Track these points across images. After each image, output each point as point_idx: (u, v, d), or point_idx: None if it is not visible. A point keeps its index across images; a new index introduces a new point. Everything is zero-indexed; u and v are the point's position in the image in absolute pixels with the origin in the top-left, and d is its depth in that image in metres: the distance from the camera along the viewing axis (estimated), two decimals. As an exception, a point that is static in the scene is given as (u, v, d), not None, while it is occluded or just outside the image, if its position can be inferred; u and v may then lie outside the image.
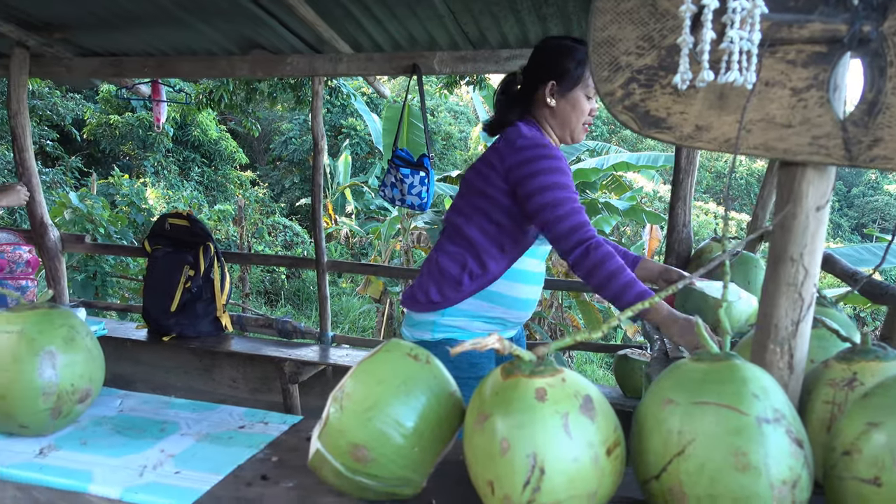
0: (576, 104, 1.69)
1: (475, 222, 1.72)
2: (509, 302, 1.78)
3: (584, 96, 1.69)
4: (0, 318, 1.16)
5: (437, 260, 1.76)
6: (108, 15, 2.88)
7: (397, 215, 10.59)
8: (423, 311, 1.76)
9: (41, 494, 1.07)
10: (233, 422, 1.28)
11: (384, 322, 8.44)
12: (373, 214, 12.58)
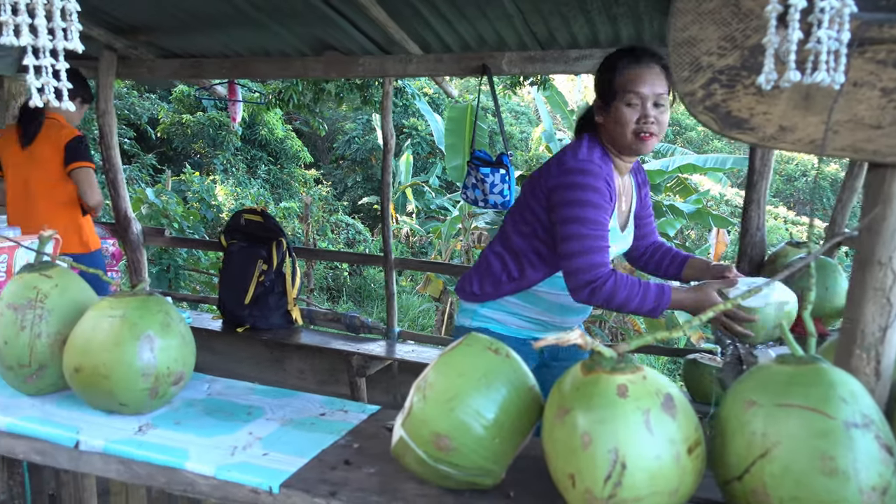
0: (618, 117, 1.62)
1: (518, 228, 1.77)
2: (549, 307, 1.81)
3: (624, 105, 1.61)
4: (104, 304, 1.24)
5: (486, 256, 1.85)
6: (189, 18, 3.01)
7: (458, 215, 10.63)
8: (467, 300, 1.86)
9: (141, 469, 1.14)
10: (313, 409, 1.33)
11: (444, 321, 8.50)
12: (433, 214, 12.67)
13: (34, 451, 1.23)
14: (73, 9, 1.43)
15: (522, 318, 1.83)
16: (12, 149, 2.98)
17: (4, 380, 1.34)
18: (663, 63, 1.63)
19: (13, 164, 2.99)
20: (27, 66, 1.40)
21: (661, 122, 1.62)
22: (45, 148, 2.93)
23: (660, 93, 1.60)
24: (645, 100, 1.59)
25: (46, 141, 2.94)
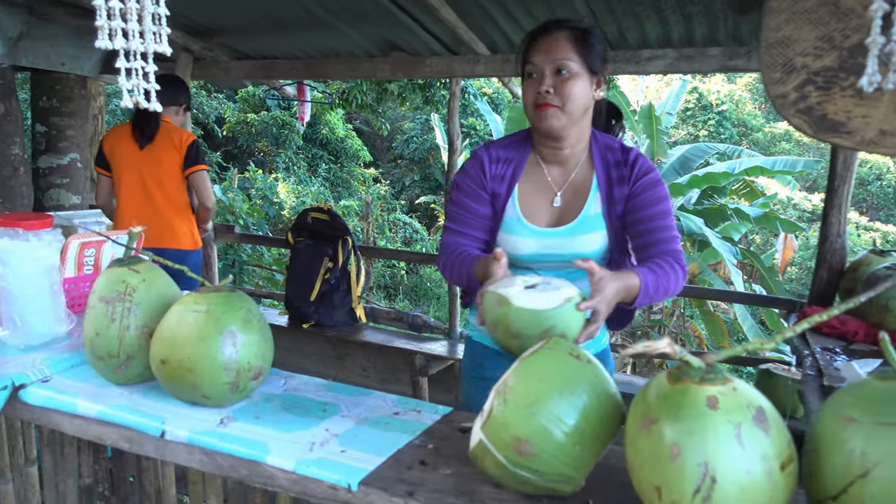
0: (524, 93, 1.52)
1: None
2: None
3: (526, 79, 1.52)
4: (189, 299, 1.28)
5: None
6: (262, 20, 3.09)
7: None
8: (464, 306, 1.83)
9: (224, 460, 1.17)
10: (387, 408, 1.34)
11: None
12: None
13: (123, 438, 1.28)
14: (163, 13, 1.48)
15: None
16: (128, 149, 3.09)
17: (95, 369, 1.40)
18: (575, 30, 1.49)
19: (129, 164, 3.11)
20: (116, 67, 1.46)
21: (565, 94, 1.45)
22: (165, 149, 3.06)
23: (560, 58, 1.45)
24: (542, 68, 1.47)
25: (166, 142, 3.06)
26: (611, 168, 1.58)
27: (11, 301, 1.47)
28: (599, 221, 1.57)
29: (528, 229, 1.58)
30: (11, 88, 3.16)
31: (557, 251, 1.58)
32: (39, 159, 3.79)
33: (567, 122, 1.48)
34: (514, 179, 1.59)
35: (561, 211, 1.58)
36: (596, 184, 1.57)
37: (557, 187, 1.59)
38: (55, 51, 3.31)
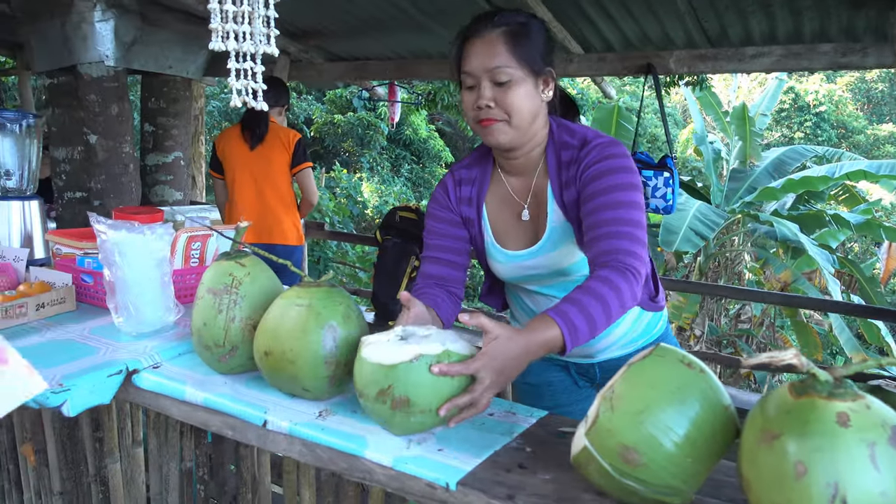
0: (463, 103, 1.38)
1: None
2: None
3: (465, 91, 1.35)
4: (292, 293, 1.31)
5: None
6: (357, 22, 3.16)
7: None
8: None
9: (323, 452, 1.19)
10: (482, 408, 1.33)
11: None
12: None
13: (227, 425, 1.33)
14: (272, 16, 1.52)
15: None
16: (239, 150, 3.25)
17: (201, 358, 1.45)
18: (508, 26, 1.29)
19: (241, 165, 3.26)
20: (226, 69, 1.51)
21: (508, 105, 1.29)
22: (274, 148, 3.21)
23: (496, 66, 1.27)
24: (478, 78, 1.30)
25: (275, 141, 3.21)
26: (562, 169, 1.40)
27: (127, 290, 1.55)
28: (567, 231, 1.42)
29: (503, 254, 1.49)
30: (124, 90, 3.36)
31: (538, 271, 1.47)
32: (147, 157, 4.03)
33: (515, 134, 1.34)
34: (481, 199, 1.49)
35: (532, 226, 1.46)
36: (551, 191, 1.42)
37: (522, 199, 1.46)
38: (163, 54, 3.49)
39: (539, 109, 1.35)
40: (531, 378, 1.70)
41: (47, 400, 1.31)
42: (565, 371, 1.72)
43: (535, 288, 1.54)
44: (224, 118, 11.82)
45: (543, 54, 1.34)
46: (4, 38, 4.98)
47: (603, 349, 1.62)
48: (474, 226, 1.51)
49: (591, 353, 1.63)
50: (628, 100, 14.51)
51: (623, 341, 1.61)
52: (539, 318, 1.18)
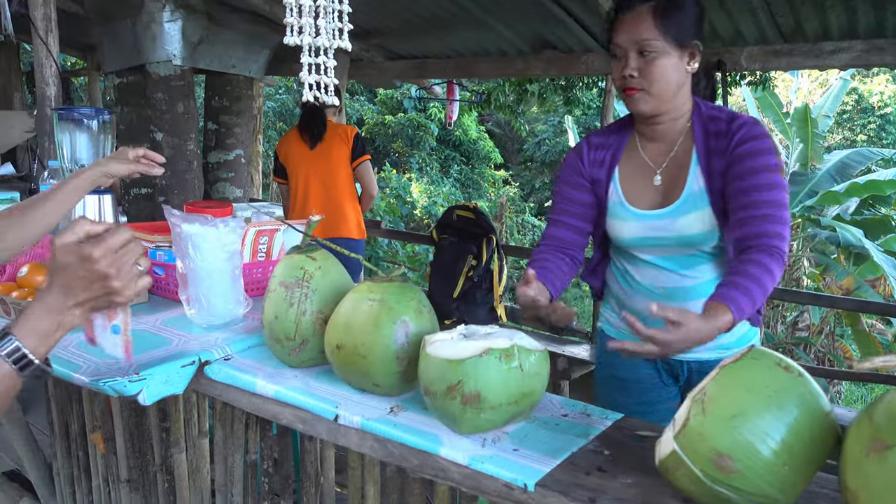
0: (613, 72, 1.47)
1: None
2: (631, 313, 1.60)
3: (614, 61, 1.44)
4: (364, 287, 1.31)
5: None
6: (417, 20, 3.16)
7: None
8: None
9: (395, 448, 1.18)
10: (555, 409, 1.30)
11: (629, 329, 8.19)
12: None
13: (298, 419, 1.33)
14: (345, 10, 1.52)
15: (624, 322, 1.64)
16: (300, 151, 3.31)
17: (272, 351, 1.46)
18: (655, 4, 1.36)
19: (304, 165, 3.32)
20: (301, 63, 1.51)
21: (650, 75, 1.38)
22: (334, 145, 3.26)
23: (642, 38, 1.36)
24: (625, 50, 1.40)
25: (334, 138, 3.26)
26: (710, 138, 1.45)
27: (199, 283, 1.57)
28: (703, 198, 1.45)
29: (631, 212, 1.53)
30: (190, 89, 3.44)
31: (663, 234, 1.50)
32: (209, 155, 4.13)
33: (656, 103, 1.42)
34: (615, 161, 1.55)
35: (664, 190, 1.51)
36: (696, 157, 1.46)
37: (657, 166, 1.52)
38: (227, 54, 3.56)
39: (683, 80, 1.42)
40: (621, 372, 1.69)
41: (125, 388, 1.33)
42: (654, 367, 1.69)
43: (650, 258, 1.56)
44: (278, 118, 12.03)
45: (692, 28, 1.40)
46: (76, 40, 5.16)
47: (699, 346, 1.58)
48: (602, 186, 1.56)
49: None
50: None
51: (718, 342, 1.52)
52: (714, 305, 1.24)
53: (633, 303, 1.61)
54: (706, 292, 1.38)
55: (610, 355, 1.66)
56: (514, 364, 1.11)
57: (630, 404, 1.65)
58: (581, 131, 14.11)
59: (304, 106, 3.33)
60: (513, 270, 11.12)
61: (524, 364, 1.12)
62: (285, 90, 12.27)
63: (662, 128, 1.49)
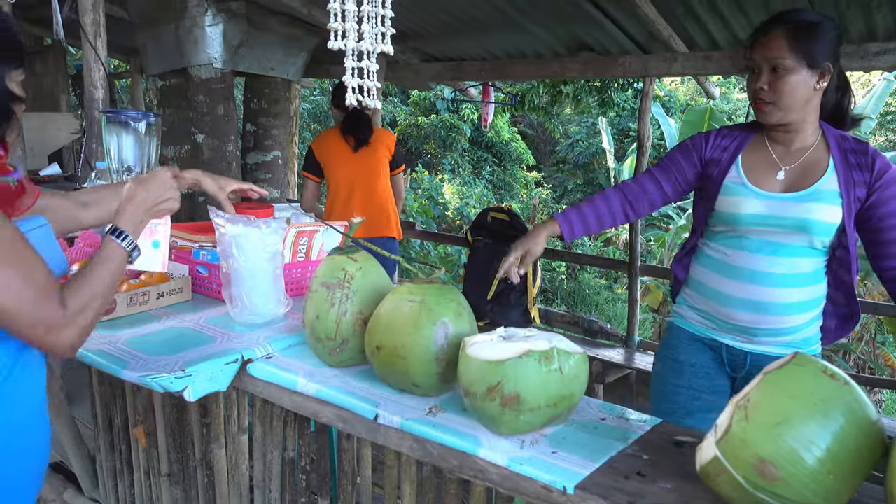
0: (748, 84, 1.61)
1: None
2: (710, 294, 1.70)
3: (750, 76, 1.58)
4: (404, 289, 1.32)
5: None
6: (454, 22, 3.17)
7: (685, 223, 10.05)
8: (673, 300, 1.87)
9: (434, 448, 1.19)
10: (592, 412, 1.30)
11: (660, 333, 8.11)
12: (654, 221, 12.18)
13: (338, 417, 1.35)
14: (387, 14, 1.54)
15: (697, 311, 1.75)
16: (342, 152, 3.31)
17: (313, 350, 1.49)
18: (791, 27, 1.50)
19: (346, 166, 3.33)
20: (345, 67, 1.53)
21: (779, 91, 1.51)
22: (377, 149, 3.31)
23: (774, 57, 1.50)
24: (760, 67, 1.54)
25: (378, 143, 3.30)
26: (848, 153, 1.58)
27: (241, 282, 1.60)
28: (835, 197, 1.55)
29: (753, 192, 1.61)
30: (230, 91, 3.51)
31: (784, 214, 1.58)
32: (248, 156, 4.20)
33: (782, 115, 1.54)
34: (739, 150, 1.66)
35: (787, 183, 1.60)
36: (833, 164, 1.57)
37: (783, 163, 1.62)
38: (266, 57, 3.62)
39: (811, 96, 1.53)
40: (681, 355, 1.76)
41: (171, 385, 1.37)
42: (715, 353, 1.74)
43: (756, 238, 1.62)
44: (313, 119, 12.16)
45: (825, 50, 1.51)
46: (120, 44, 5.29)
47: (769, 331, 1.64)
48: (721, 167, 1.66)
49: (754, 334, 1.66)
50: (719, 102, 14.00)
51: (790, 338, 1.64)
52: None
53: (719, 286, 1.67)
54: (791, 283, 1.57)
55: (673, 340, 1.80)
56: (554, 367, 1.12)
57: (679, 387, 1.75)
58: (615, 133, 13.98)
59: (349, 109, 3.36)
60: (545, 273, 11.09)
61: (563, 367, 1.13)
62: (320, 92, 12.40)
63: (790, 135, 1.60)
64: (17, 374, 1.14)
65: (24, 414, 1.18)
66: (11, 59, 1.13)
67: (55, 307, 1.06)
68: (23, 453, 1.19)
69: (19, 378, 1.15)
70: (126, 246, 1.24)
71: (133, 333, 1.61)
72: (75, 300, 1.10)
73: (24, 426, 1.18)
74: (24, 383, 1.16)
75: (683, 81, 17.26)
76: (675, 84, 16.41)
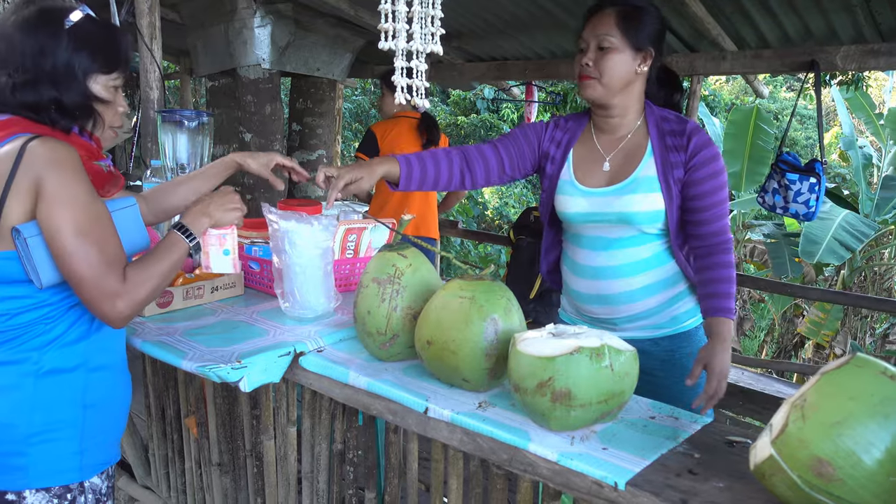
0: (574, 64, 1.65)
1: None
2: (568, 291, 1.79)
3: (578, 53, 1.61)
4: (454, 285, 1.34)
5: None
6: (498, 21, 3.18)
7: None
8: None
9: (485, 442, 1.21)
10: (642, 410, 1.31)
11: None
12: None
13: (388, 410, 1.38)
14: (437, 15, 1.56)
15: (568, 303, 1.84)
16: (410, 148, 3.30)
17: (363, 344, 1.52)
18: (619, 9, 1.55)
19: None
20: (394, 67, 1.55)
21: (603, 66, 1.55)
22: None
23: (602, 34, 1.55)
24: (587, 42, 1.58)
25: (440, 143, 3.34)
26: (665, 135, 1.62)
27: (294, 278, 1.64)
28: (653, 184, 1.60)
29: (578, 189, 1.67)
30: (277, 91, 3.58)
31: (606, 210, 1.63)
32: (293, 155, 4.27)
33: (604, 92, 1.58)
34: (570, 145, 1.71)
35: (611, 174, 1.65)
36: (650, 149, 1.62)
37: (606, 153, 1.67)
38: (312, 57, 3.68)
39: (632, 78, 1.59)
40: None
41: (228, 375, 1.41)
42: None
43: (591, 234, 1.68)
44: (354, 119, 12.28)
45: (649, 35, 1.57)
46: (170, 46, 5.42)
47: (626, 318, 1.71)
48: (556, 165, 1.72)
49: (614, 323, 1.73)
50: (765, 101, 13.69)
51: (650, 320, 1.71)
52: (716, 321, 1.53)
53: (572, 283, 1.75)
54: (631, 272, 1.64)
55: None
56: (605, 363, 1.13)
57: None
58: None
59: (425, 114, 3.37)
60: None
61: (614, 364, 1.14)
62: (361, 92, 12.51)
63: (614, 121, 1.65)
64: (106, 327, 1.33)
65: (116, 359, 1.37)
66: (101, 63, 1.26)
67: (116, 279, 1.19)
68: (117, 390, 1.37)
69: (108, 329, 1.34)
70: (188, 240, 1.36)
71: (189, 326, 1.66)
72: (134, 276, 1.22)
73: (116, 368, 1.37)
74: (112, 332, 1.36)
75: (728, 80, 16.93)
76: (720, 83, 16.10)
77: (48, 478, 1.25)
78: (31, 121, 1.23)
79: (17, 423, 1.22)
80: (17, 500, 1.24)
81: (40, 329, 1.24)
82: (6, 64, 1.21)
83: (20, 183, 1.14)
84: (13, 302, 1.22)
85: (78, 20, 1.24)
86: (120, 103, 1.34)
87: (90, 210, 1.18)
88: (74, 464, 1.28)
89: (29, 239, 1.16)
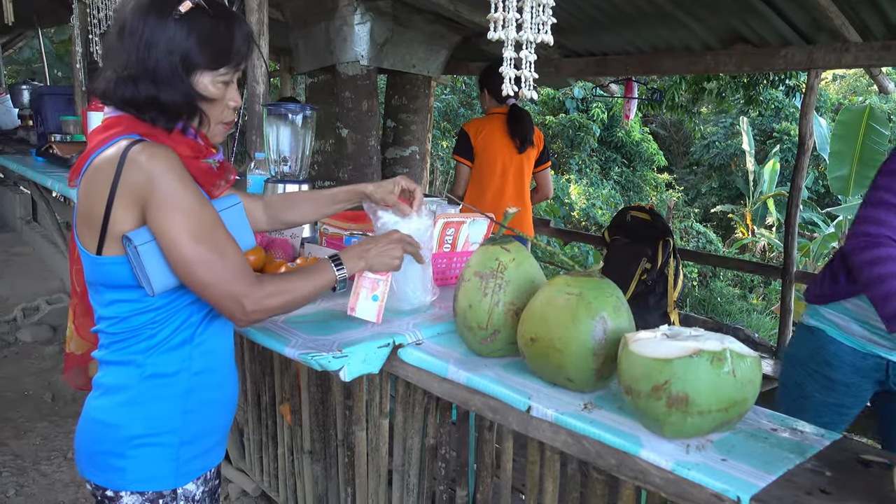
0: None
1: None
2: None
3: None
4: (561, 281, 1.30)
5: (836, 253, 1.74)
6: (600, 15, 3.09)
7: (833, 232, 9.31)
8: (811, 300, 1.78)
9: (591, 445, 1.16)
10: (761, 421, 1.22)
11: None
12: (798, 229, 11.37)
13: (488, 407, 1.35)
14: (547, 4, 1.51)
15: (866, 326, 1.62)
16: (506, 149, 3.27)
17: (463, 339, 1.49)
18: None
19: (505, 161, 3.31)
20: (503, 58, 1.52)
21: None
22: (531, 147, 3.31)
23: None
24: None
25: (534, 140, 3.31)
26: None
27: (392, 270, 1.63)
28: None
29: None
30: (374, 88, 3.63)
31: None
32: (387, 150, 4.33)
33: None
34: None
35: None
36: None
37: None
38: (409, 54, 3.71)
39: None
40: (834, 373, 1.71)
41: (329, 364, 1.42)
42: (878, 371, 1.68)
43: None
44: (443, 118, 12.35)
45: None
46: (271, 44, 5.61)
47: None
48: None
49: None
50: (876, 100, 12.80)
51: None
52: None
53: None
54: None
55: (827, 354, 1.71)
56: (726, 369, 1.05)
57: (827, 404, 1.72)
58: (756, 134, 13.16)
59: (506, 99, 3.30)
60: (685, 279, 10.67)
61: (737, 370, 1.06)
62: (450, 90, 12.56)
63: None
64: (217, 323, 1.34)
65: (221, 361, 1.37)
66: (209, 59, 1.19)
67: (240, 281, 1.18)
68: (221, 390, 1.38)
69: (219, 325, 1.35)
70: (337, 273, 1.37)
71: (292, 314, 1.69)
72: (271, 286, 1.23)
73: (221, 371, 1.37)
74: (221, 328, 1.36)
75: (835, 78, 15.97)
76: (827, 80, 15.21)
77: (143, 482, 1.25)
78: (136, 118, 1.18)
79: (120, 424, 1.23)
80: (114, 498, 1.26)
81: (147, 333, 1.23)
82: (116, 55, 1.16)
83: (124, 191, 1.12)
84: (124, 306, 1.21)
85: (187, 10, 1.15)
86: (233, 97, 1.27)
87: (202, 216, 1.16)
88: (169, 470, 1.27)
89: (140, 247, 1.14)
